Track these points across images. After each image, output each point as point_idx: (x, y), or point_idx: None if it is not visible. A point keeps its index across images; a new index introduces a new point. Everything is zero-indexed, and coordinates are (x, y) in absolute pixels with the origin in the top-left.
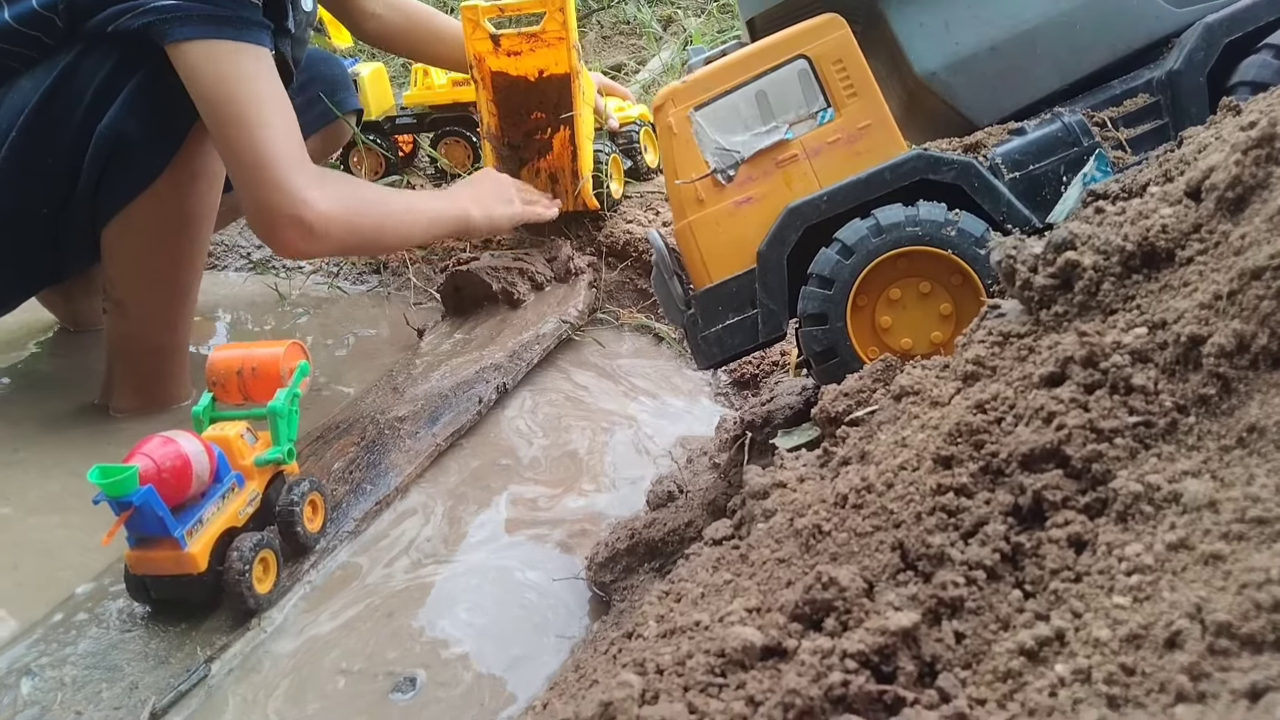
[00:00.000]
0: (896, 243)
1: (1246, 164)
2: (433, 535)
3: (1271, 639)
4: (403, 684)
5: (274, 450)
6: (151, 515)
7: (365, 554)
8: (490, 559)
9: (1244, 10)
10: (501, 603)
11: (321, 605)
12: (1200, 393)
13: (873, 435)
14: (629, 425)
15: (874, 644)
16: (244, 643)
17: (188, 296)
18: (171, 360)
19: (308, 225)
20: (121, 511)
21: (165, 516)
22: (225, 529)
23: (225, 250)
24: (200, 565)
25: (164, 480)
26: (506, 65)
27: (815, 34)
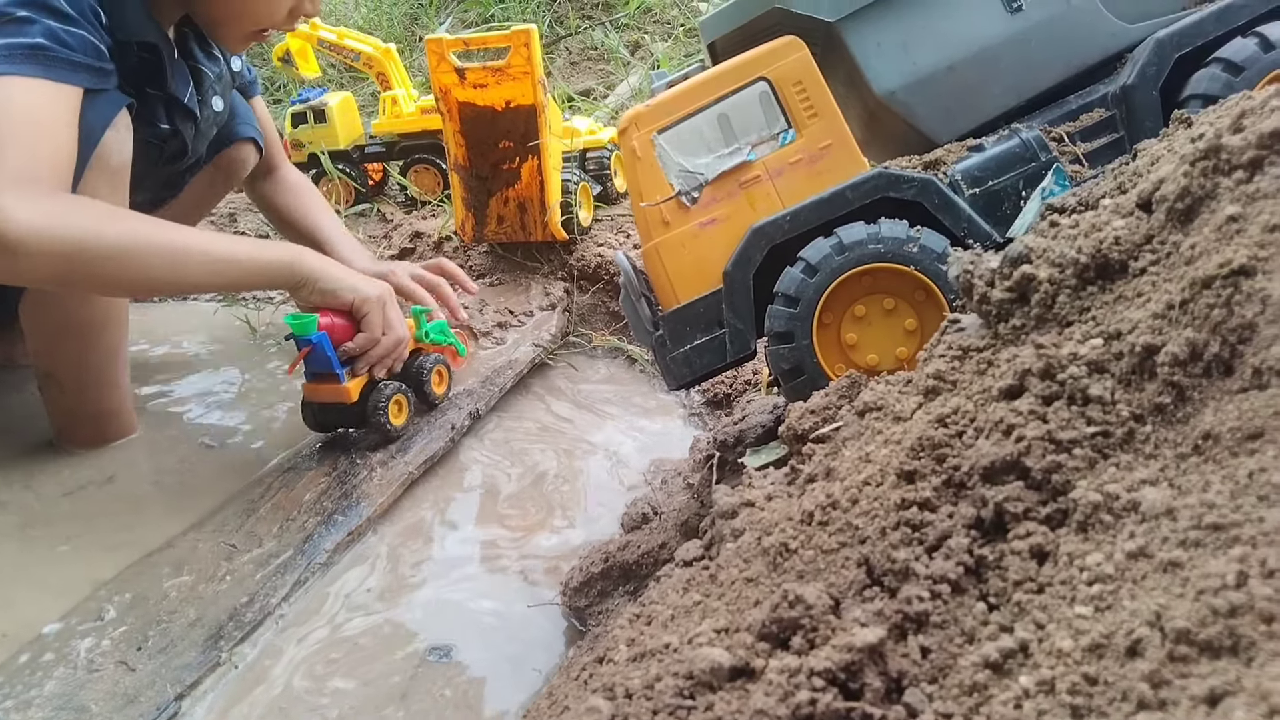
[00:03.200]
0: (859, 260)
1: (1195, 175)
2: (405, 566)
3: (1228, 644)
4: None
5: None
6: (322, 355)
7: (337, 585)
8: (464, 588)
9: (1193, 25)
10: (475, 631)
11: (293, 639)
12: (1156, 402)
13: (838, 452)
14: (603, 449)
15: (841, 661)
16: (214, 678)
17: (118, 356)
18: (116, 420)
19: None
20: (302, 348)
21: (332, 358)
22: (372, 379)
23: None
24: (352, 397)
25: (334, 331)
26: (473, 96)
27: (775, 56)
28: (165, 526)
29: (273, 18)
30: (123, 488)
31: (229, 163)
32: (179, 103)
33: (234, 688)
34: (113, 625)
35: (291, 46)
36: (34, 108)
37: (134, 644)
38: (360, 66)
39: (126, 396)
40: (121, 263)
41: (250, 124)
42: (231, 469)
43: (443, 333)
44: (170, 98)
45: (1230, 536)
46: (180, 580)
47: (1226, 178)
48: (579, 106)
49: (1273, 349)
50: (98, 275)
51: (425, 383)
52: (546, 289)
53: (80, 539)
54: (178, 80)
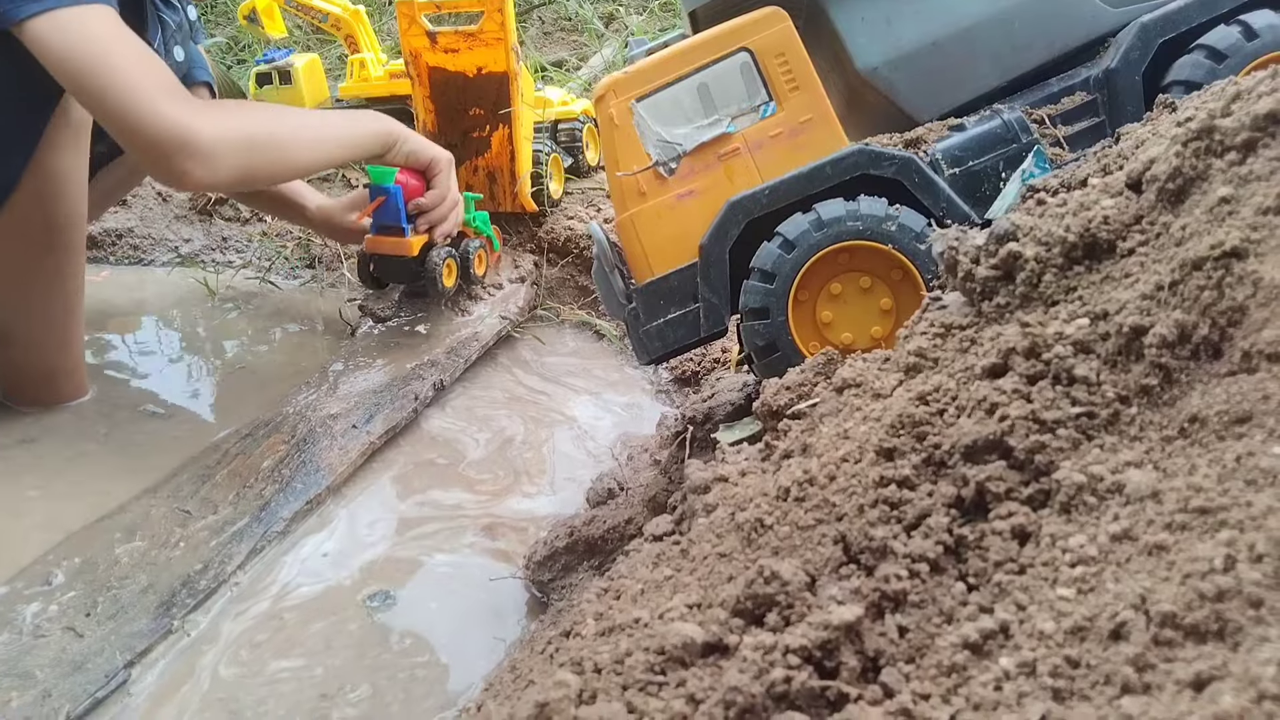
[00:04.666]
0: (837, 237)
1: (1187, 155)
2: (364, 536)
3: (1215, 629)
4: (335, 690)
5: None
6: (394, 206)
7: (294, 554)
8: (423, 559)
9: (1177, 11)
10: (437, 603)
11: (248, 608)
12: (1142, 383)
13: (814, 428)
14: (569, 423)
15: (816, 639)
16: (165, 646)
17: (73, 313)
18: (68, 381)
19: (197, 148)
20: (377, 197)
21: (402, 210)
22: (430, 241)
23: (152, 244)
24: (413, 250)
25: (408, 188)
26: (444, 61)
27: (757, 27)
28: (117, 490)
29: None
30: (73, 449)
31: None
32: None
33: (186, 656)
34: (61, 590)
35: (258, 5)
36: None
37: (82, 610)
38: (328, 28)
39: (80, 357)
40: (284, 150)
41: (204, 68)
42: (187, 433)
43: (486, 224)
44: None
45: (1217, 520)
46: (132, 546)
47: (1219, 159)
48: (551, 77)
49: (1263, 332)
50: (267, 165)
51: (470, 260)
52: (516, 261)
53: (28, 500)
54: (150, 27)
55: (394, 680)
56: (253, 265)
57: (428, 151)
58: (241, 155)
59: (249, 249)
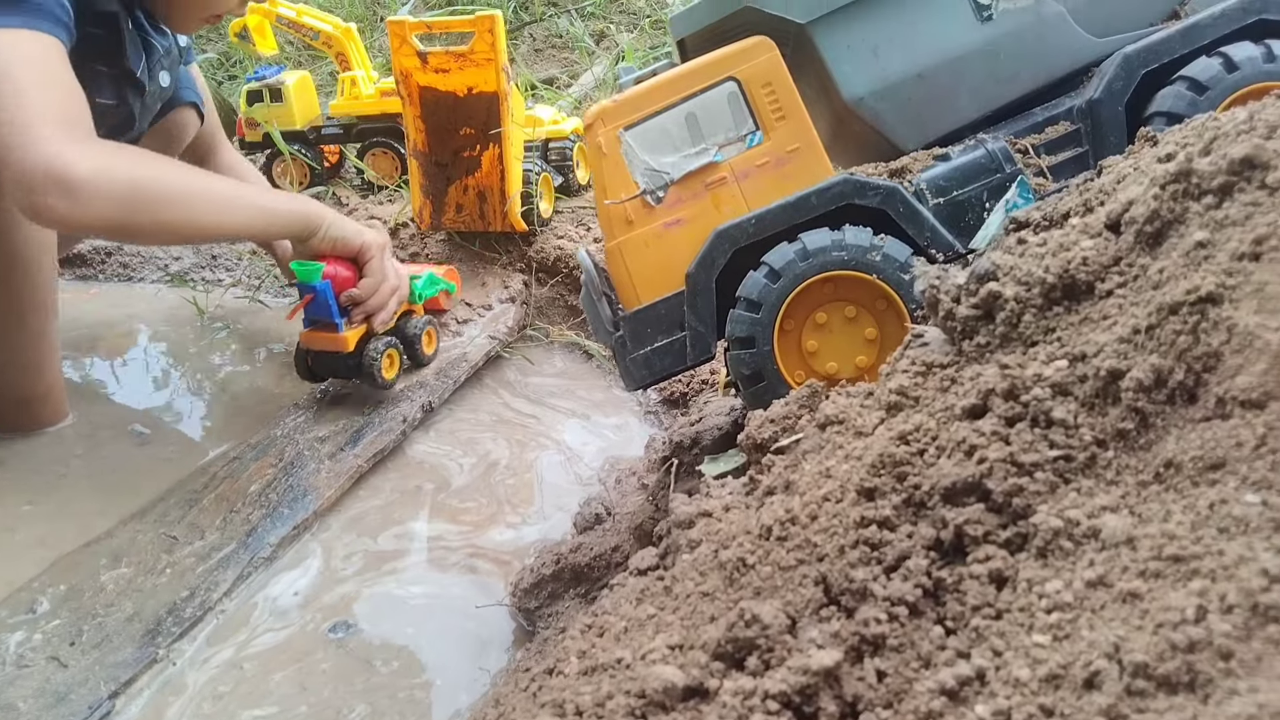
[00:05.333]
0: (823, 267)
1: (1164, 198)
2: (351, 561)
3: (1186, 680)
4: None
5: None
6: (324, 302)
7: (280, 580)
8: (410, 585)
9: (1160, 42)
10: (423, 630)
11: (233, 636)
12: (1119, 427)
13: (798, 464)
14: (557, 445)
15: (796, 684)
16: (151, 675)
17: (44, 339)
18: (44, 406)
19: (65, 183)
20: (305, 295)
21: (333, 306)
22: (368, 332)
23: (141, 262)
24: (349, 346)
25: (337, 281)
26: (434, 81)
27: (745, 56)
28: (102, 516)
29: (226, 3)
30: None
31: (170, 127)
32: (131, 75)
33: (172, 685)
34: (45, 619)
35: (249, 22)
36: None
37: (67, 639)
38: (319, 45)
39: (55, 382)
40: (175, 207)
41: (192, 89)
42: (175, 456)
43: (431, 284)
44: (123, 71)
45: (1190, 569)
46: (118, 573)
47: (1196, 202)
48: (542, 95)
49: (1237, 379)
50: (152, 219)
51: (417, 342)
52: (505, 281)
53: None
54: (132, 52)
55: (380, 708)
56: (242, 283)
57: (356, 238)
58: (117, 201)
59: (239, 267)
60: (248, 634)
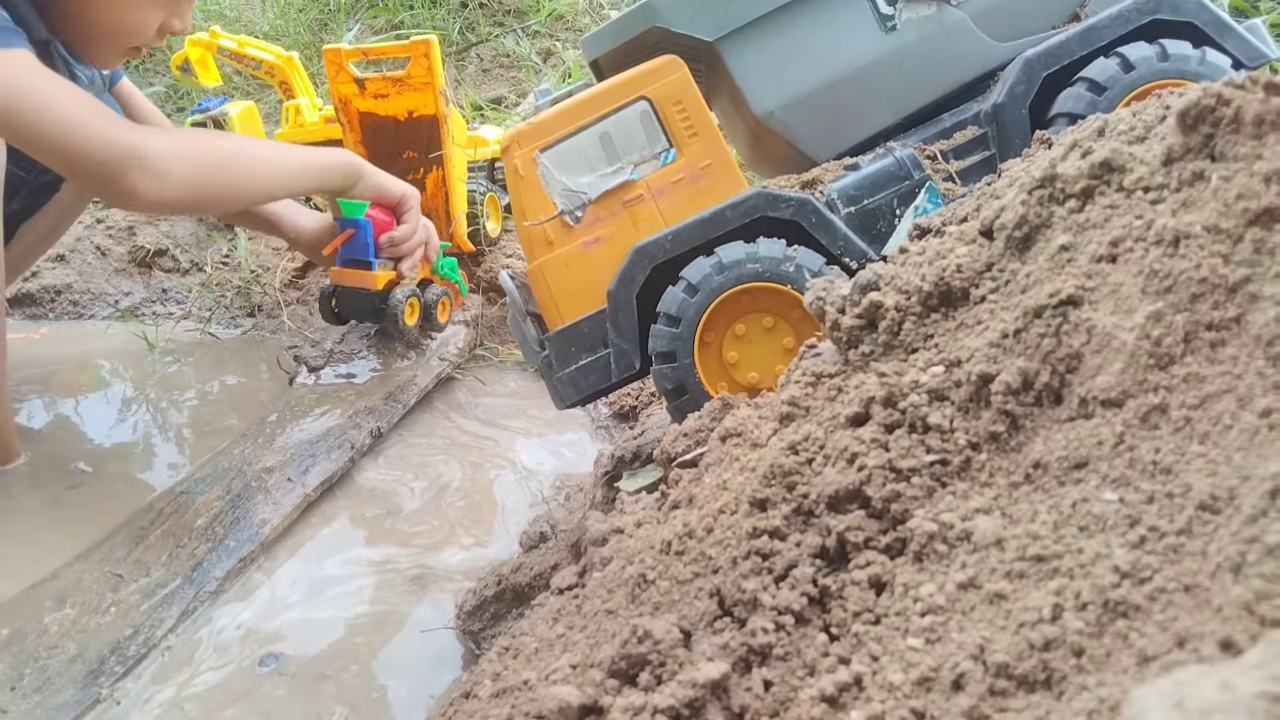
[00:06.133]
0: (739, 279)
1: (1031, 204)
2: (298, 591)
3: (1042, 678)
4: None
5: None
6: (362, 240)
7: (227, 612)
8: (359, 612)
9: (1060, 44)
10: (370, 656)
11: (177, 672)
12: (991, 430)
13: (700, 478)
14: (510, 466)
15: (684, 698)
16: (93, 716)
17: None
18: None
19: (147, 163)
20: (346, 229)
21: (370, 244)
22: (395, 279)
23: (91, 298)
24: (379, 284)
25: (378, 223)
26: (374, 106)
27: (655, 75)
28: (49, 557)
29: (140, 35)
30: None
31: None
32: None
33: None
34: None
35: (191, 55)
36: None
37: (7, 684)
38: (262, 75)
39: (4, 423)
40: (238, 173)
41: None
42: (123, 494)
43: (453, 269)
44: None
45: (1051, 568)
46: (62, 614)
47: (1060, 206)
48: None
49: (1097, 379)
50: (220, 186)
51: (434, 307)
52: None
53: None
54: None
55: None
56: (193, 316)
57: (398, 187)
58: (193, 173)
59: (189, 300)
60: (191, 671)
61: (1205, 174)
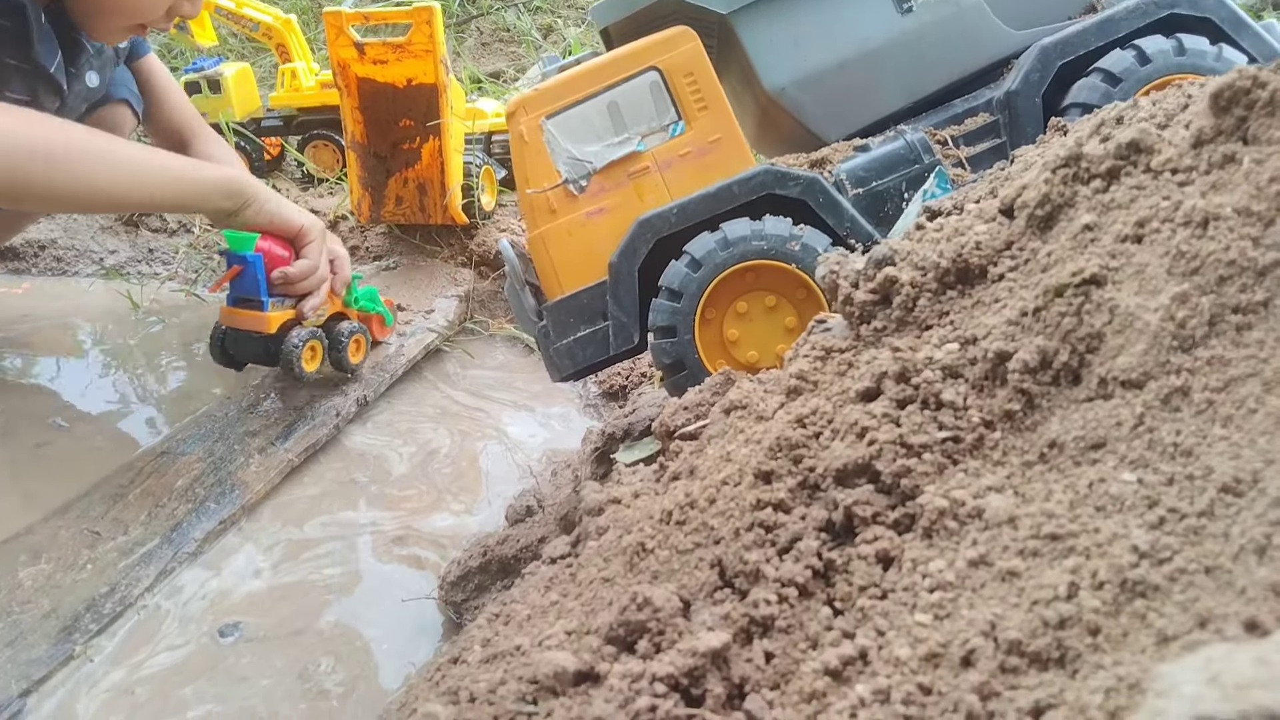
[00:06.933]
0: (743, 256)
1: (1055, 183)
2: (280, 557)
3: (1056, 656)
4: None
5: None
6: (252, 277)
7: (209, 574)
8: (339, 579)
9: (1076, 35)
10: (351, 625)
11: (157, 633)
12: (1006, 408)
13: (702, 450)
14: (497, 439)
15: (684, 666)
16: (66, 673)
17: None
18: None
19: None
20: (233, 265)
21: (261, 282)
22: (294, 319)
23: (76, 255)
24: (271, 327)
25: (271, 257)
26: (373, 72)
27: (666, 46)
28: (23, 512)
29: (147, 14)
30: None
31: (97, 125)
32: (44, 72)
33: (88, 683)
34: None
35: None
36: None
37: None
38: (259, 37)
39: None
40: (70, 167)
41: (125, 86)
42: (102, 452)
43: (372, 300)
44: (35, 66)
45: (1066, 547)
46: (37, 569)
47: (1085, 186)
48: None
49: (1118, 359)
50: (44, 181)
51: (343, 347)
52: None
53: None
54: (44, 48)
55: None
56: (179, 277)
57: (296, 218)
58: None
59: (175, 260)
60: (168, 631)
61: (1237, 156)
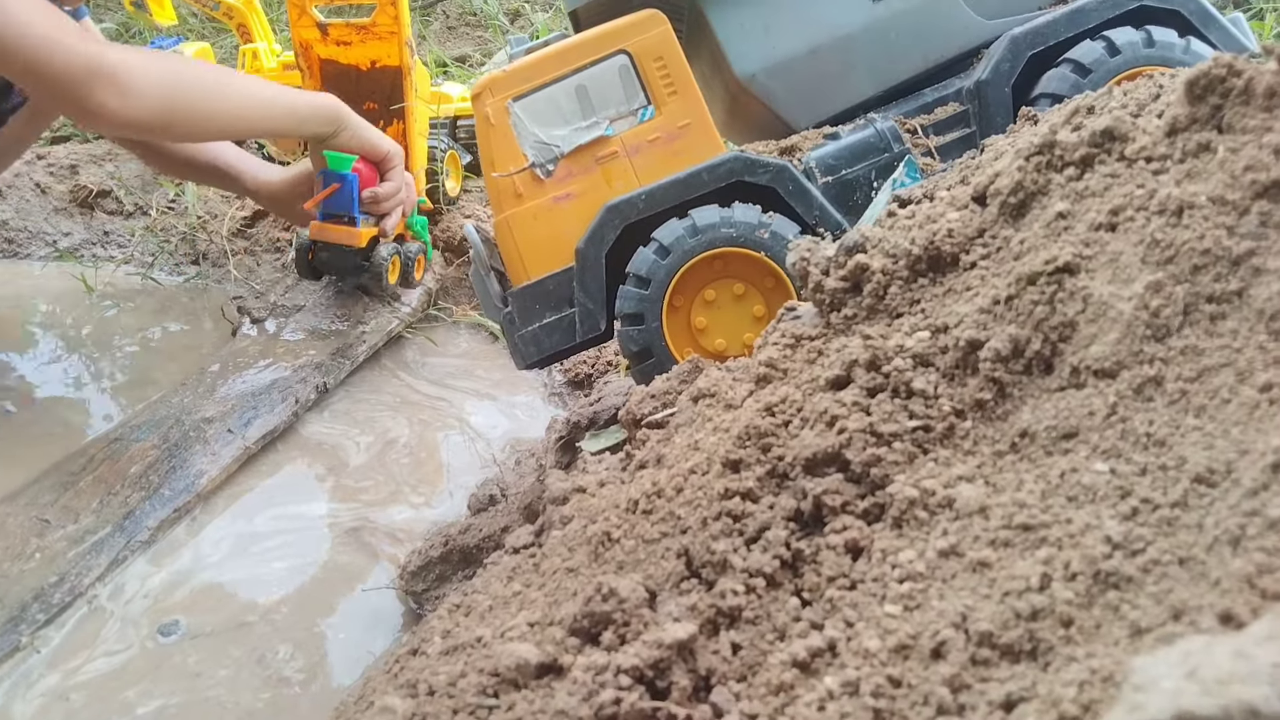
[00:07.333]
0: (711, 244)
1: (1028, 170)
2: (235, 545)
3: (1028, 648)
4: None
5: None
6: (348, 194)
7: (161, 565)
8: (296, 568)
9: (1047, 25)
10: (310, 614)
11: (106, 624)
12: (977, 397)
13: (670, 438)
14: (459, 429)
15: (649, 658)
16: (12, 664)
17: None
18: None
19: (116, 78)
20: (331, 183)
21: (355, 199)
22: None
23: (28, 237)
24: (362, 241)
25: (363, 177)
26: (336, 53)
27: (636, 29)
28: None
29: None
30: None
31: None
32: None
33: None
34: None
35: None
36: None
37: None
38: (220, 16)
39: None
40: (212, 100)
41: None
42: (54, 438)
43: (424, 229)
44: None
45: (1038, 537)
46: None
47: (1058, 174)
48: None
49: (1091, 348)
50: (190, 112)
51: (412, 264)
52: None
53: None
54: None
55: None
56: (135, 260)
57: (384, 143)
58: (164, 93)
59: (131, 244)
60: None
61: (1212, 145)
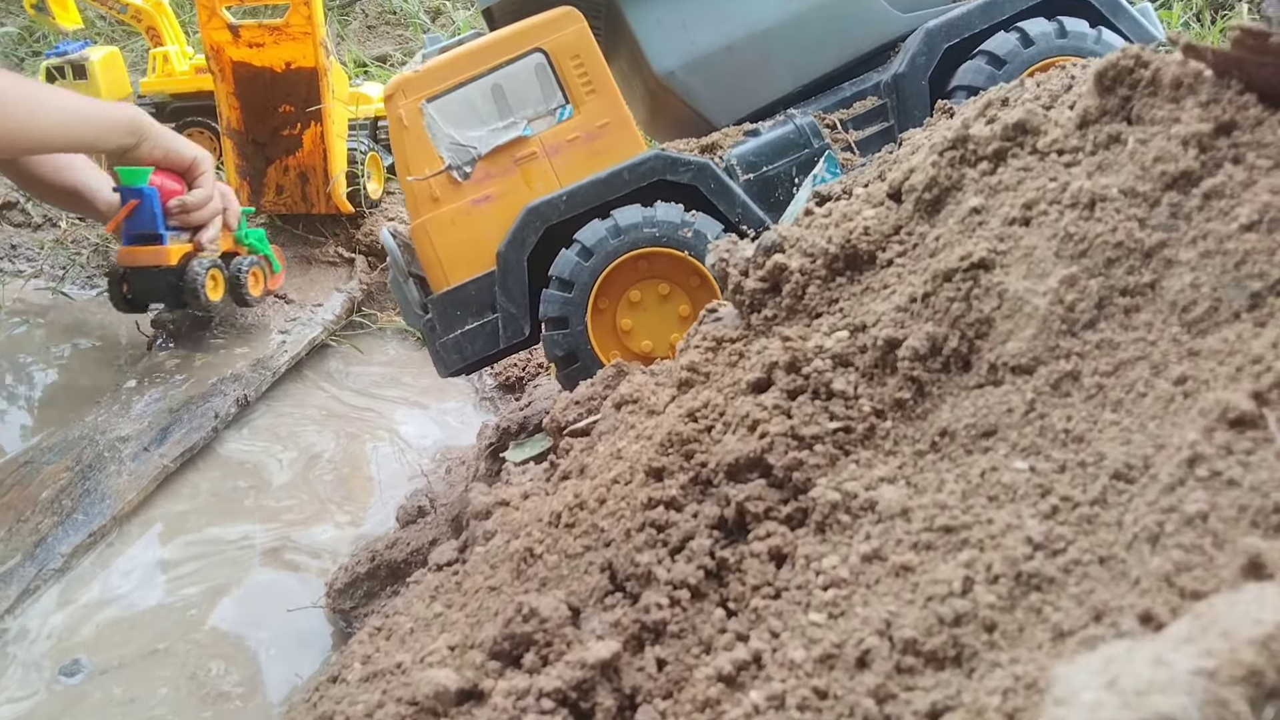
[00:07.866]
0: (635, 244)
1: (942, 165)
2: (145, 575)
3: (952, 655)
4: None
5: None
6: (149, 211)
7: (75, 594)
8: (220, 589)
9: (961, 17)
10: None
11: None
12: (897, 397)
13: (593, 447)
14: (387, 440)
15: (572, 679)
16: None
17: None
18: None
19: None
20: (129, 200)
21: (158, 216)
22: (192, 251)
23: None
24: (173, 260)
25: (165, 190)
26: (249, 55)
27: (551, 27)
28: None
29: None
30: None
31: None
32: None
33: None
34: None
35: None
36: None
37: None
38: (128, 19)
39: None
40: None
41: None
42: None
43: (261, 241)
44: None
45: (960, 539)
46: None
47: (972, 168)
48: (372, 72)
49: (1008, 345)
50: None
51: (242, 282)
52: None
53: None
54: None
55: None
56: (45, 275)
57: (188, 151)
58: None
59: (41, 257)
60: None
61: (1122, 136)
